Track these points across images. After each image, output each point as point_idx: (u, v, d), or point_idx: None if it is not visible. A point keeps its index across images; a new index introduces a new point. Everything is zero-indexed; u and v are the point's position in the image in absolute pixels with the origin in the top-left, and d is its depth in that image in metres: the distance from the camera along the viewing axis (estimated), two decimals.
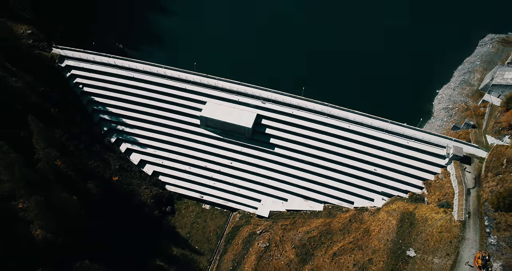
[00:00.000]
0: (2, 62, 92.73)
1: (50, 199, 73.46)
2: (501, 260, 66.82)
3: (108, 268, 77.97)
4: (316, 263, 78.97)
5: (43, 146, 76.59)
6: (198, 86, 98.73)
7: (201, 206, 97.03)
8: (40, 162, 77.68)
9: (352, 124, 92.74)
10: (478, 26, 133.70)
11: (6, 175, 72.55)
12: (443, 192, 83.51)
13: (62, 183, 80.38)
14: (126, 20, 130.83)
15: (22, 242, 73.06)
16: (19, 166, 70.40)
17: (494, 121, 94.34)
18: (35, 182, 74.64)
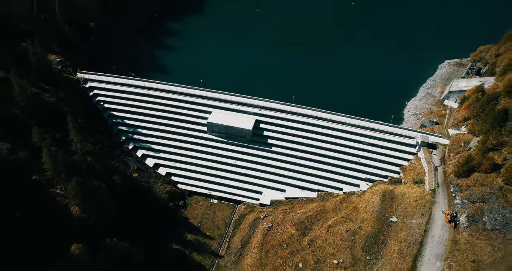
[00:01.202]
0: (36, 82, 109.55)
1: (85, 184, 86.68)
2: (465, 213, 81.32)
3: (132, 246, 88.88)
4: (314, 234, 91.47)
5: (80, 139, 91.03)
6: (204, 99, 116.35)
7: (210, 200, 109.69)
8: (76, 153, 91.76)
9: (336, 124, 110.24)
10: (438, 53, 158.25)
11: (49, 163, 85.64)
12: (416, 173, 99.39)
13: (92, 174, 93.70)
14: (137, 54, 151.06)
15: (60, 219, 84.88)
16: (62, 153, 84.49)
17: (453, 118, 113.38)
18: (72, 169, 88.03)
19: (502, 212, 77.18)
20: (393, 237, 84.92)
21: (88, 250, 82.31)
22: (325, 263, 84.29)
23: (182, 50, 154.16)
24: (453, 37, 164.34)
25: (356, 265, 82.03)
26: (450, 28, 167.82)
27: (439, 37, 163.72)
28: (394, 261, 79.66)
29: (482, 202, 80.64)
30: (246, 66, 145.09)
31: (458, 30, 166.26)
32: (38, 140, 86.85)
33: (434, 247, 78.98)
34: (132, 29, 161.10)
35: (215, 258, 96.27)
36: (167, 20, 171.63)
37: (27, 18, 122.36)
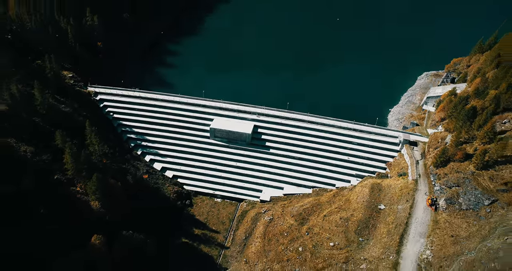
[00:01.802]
0: (53, 94, 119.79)
1: (104, 180, 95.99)
2: (444, 197, 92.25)
3: (146, 238, 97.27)
4: (311, 223, 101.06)
5: (98, 141, 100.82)
6: (206, 108, 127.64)
7: (214, 199, 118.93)
8: (94, 154, 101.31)
9: (327, 127, 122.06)
10: (417, 66, 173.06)
11: (71, 163, 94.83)
12: (400, 167, 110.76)
13: (109, 174, 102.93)
14: (141, 70, 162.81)
15: (81, 214, 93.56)
16: (85, 152, 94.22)
17: (431, 120, 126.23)
18: (91, 168, 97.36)
19: (474, 193, 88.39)
20: (381, 221, 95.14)
21: (107, 241, 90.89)
22: (322, 246, 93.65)
23: (182, 67, 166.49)
24: (431, 52, 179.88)
25: (350, 246, 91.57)
26: (428, 44, 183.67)
27: (418, 52, 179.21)
28: (384, 240, 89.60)
29: (458, 186, 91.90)
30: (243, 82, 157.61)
31: (434, 46, 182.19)
32: (61, 142, 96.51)
33: (418, 227, 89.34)
34: (136, 48, 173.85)
35: (221, 249, 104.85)
36: (167, 42, 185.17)
37: (43, 39, 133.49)
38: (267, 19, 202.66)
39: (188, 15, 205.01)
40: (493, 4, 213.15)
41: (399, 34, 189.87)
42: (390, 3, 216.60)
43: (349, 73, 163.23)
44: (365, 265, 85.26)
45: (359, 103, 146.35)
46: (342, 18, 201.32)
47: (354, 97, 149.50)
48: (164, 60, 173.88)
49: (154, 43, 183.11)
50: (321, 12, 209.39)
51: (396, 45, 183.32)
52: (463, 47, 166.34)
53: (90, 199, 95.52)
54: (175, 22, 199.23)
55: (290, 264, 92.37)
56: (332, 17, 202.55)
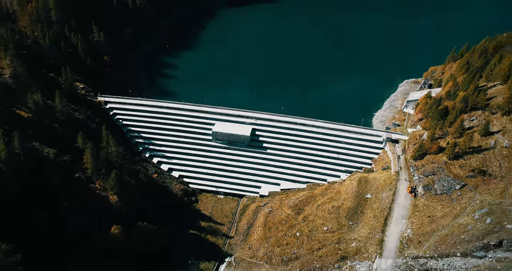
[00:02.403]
0: (68, 104, 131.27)
1: (121, 176, 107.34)
2: (421, 185, 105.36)
3: (159, 228, 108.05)
4: (306, 212, 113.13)
5: (114, 143, 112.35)
6: (208, 113, 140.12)
7: (217, 196, 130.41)
8: (111, 154, 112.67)
9: (318, 129, 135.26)
10: (399, 75, 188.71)
11: (91, 162, 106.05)
12: (384, 162, 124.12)
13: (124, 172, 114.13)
14: (143, 81, 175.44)
15: (101, 207, 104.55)
16: (104, 151, 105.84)
17: (410, 121, 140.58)
18: (109, 166, 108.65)
19: (447, 180, 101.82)
20: (368, 207, 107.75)
21: (124, 231, 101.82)
22: (317, 231, 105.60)
23: (180, 78, 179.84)
24: (411, 62, 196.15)
25: (341, 229, 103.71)
26: (408, 55, 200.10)
27: (400, 62, 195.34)
28: (370, 223, 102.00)
29: (433, 175, 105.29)
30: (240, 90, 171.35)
31: (414, 56, 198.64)
32: (82, 143, 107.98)
33: (400, 211, 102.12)
34: (137, 61, 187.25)
35: (226, 239, 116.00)
36: (165, 55, 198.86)
37: (57, 54, 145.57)
38: (257, 33, 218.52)
39: (181, 32, 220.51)
40: (465, 19, 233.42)
41: (383, 47, 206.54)
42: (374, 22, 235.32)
43: (338, 83, 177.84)
44: (355, 244, 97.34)
45: (347, 108, 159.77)
46: (328, 34, 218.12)
47: (343, 103, 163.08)
48: (163, 71, 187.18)
49: (153, 56, 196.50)
50: (311, 30, 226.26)
51: (380, 57, 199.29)
52: (440, 56, 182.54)
53: (109, 194, 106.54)
54: (171, 38, 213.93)
55: (289, 247, 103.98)
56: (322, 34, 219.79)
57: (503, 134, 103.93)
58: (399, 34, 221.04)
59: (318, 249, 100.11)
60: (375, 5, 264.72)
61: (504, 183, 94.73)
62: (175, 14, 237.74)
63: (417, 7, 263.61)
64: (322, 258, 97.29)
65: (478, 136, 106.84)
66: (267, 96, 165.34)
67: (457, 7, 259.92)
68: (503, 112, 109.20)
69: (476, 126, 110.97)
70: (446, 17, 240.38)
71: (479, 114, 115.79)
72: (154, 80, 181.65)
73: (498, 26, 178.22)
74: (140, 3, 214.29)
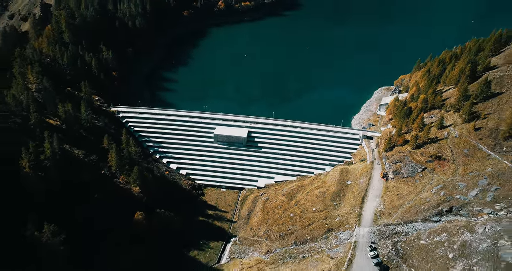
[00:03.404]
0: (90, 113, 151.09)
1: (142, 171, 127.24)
2: (391, 170, 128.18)
3: (175, 215, 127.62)
4: (298, 198, 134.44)
5: (134, 144, 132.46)
6: (209, 119, 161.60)
7: (220, 189, 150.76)
8: (131, 153, 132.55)
9: (305, 129, 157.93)
10: (374, 83, 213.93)
11: (116, 159, 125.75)
12: (361, 155, 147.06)
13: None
14: (147, 94, 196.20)
15: (126, 197, 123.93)
16: (126, 151, 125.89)
17: (383, 121, 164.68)
18: (131, 163, 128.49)
19: (411, 165, 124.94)
20: (349, 191, 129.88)
21: (146, 217, 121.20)
22: (307, 211, 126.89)
23: (180, 90, 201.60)
24: (384, 71, 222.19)
25: (327, 209, 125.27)
26: (381, 66, 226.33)
27: (375, 72, 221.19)
28: (351, 202, 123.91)
29: (400, 162, 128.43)
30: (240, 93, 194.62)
31: (387, 67, 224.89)
32: (108, 144, 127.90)
33: (374, 192, 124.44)
34: (140, 76, 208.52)
35: (230, 223, 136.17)
36: (165, 70, 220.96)
37: (74, 70, 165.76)
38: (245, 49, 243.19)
39: (177, 49, 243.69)
40: (432, 33, 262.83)
41: (360, 59, 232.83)
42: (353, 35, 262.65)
43: (322, 91, 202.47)
44: (339, 218, 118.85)
45: (330, 112, 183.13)
46: (312, 48, 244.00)
47: (326, 108, 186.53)
48: (163, 85, 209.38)
49: (153, 71, 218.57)
50: (296, 42, 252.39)
51: (358, 68, 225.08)
52: (409, 66, 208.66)
53: (132, 186, 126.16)
54: (168, 55, 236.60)
55: (285, 225, 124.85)
56: (303, 46, 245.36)
57: (454, 127, 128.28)
58: (375, 47, 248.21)
59: (308, 225, 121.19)
60: (354, 21, 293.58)
61: (454, 165, 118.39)
62: (168, 34, 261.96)
63: (391, 22, 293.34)
64: (312, 231, 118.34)
65: (435, 129, 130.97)
66: (260, 103, 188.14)
67: (425, 22, 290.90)
68: (454, 110, 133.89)
69: (434, 122, 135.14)
70: (416, 31, 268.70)
71: (436, 112, 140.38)
72: (156, 92, 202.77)
73: (461, 38, 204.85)
74: (139, 24, 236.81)
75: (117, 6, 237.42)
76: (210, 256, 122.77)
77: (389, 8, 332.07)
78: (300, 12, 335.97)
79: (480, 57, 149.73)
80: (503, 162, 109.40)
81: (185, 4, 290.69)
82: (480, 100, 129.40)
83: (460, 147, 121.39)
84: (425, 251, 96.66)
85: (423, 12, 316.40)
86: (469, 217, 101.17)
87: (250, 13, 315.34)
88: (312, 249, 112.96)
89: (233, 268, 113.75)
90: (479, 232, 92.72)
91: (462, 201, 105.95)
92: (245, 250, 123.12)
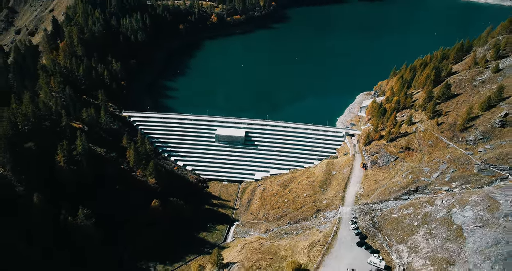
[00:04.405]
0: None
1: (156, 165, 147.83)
2: (369, 161, 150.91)
3: (185, 204, 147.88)
4: (291, 187, 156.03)
5: (148, 143, 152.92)
6: (211, 122, 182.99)
7: (222, 182, 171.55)
8: (147, 150, 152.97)
9: (295, 129, 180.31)
10: (356, 89, 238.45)
11: (134, 156, 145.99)
12: (345, 150, 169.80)
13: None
14: (150, 101, 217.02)
15: (143, 188, 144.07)
16: (142, 148, 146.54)
17: (363, 121, 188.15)
18: (148, 158, 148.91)
19: (386, 156, 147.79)
20: (334, 179, 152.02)
21: (161, 204, 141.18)
22: (299, 197, 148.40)
23: (181, 97, 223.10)
24: (365, 78, 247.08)
25: (316, 194, 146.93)
26: (364, 73, 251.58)
27: (358, 79, 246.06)
28: (336, 188, 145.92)
29: (377, 153, 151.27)
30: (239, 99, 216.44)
31: (368, 74, 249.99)
32: (126, 143, 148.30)
33: (355, 179, 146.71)
34: (143, 85, 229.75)
35: (233, 210, 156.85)
36: (165, 80, 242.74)
37: (88, 80, 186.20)
38: (239, 59, 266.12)
39: (175, 60, 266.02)
40: (409, 42, 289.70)
41: (344, 67, 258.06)
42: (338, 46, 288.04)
43: (311, 96, 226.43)
44: (326, 201, 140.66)
45: (318, 114, 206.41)
46: (300, 58, 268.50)
47: (314, 111, 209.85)
48: (165, 92, 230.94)
49: (154, 80, 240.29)
50: (285, 53, 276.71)
51: (343, 75, 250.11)
52: (386, 73, 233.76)
53: (148, 178, 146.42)
54: (167, 65, 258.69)
55: (280, 209, 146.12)
56: (292, 56, 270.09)
57: (421, 123, 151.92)
58: (357, 56, 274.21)
59: (300, 207, 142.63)
60: (338, 33, 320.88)
61: (421, 154, 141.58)
62: (166, 46, 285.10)
63: (373, 34, 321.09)
64: (304, 212, 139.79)
65: (405, 125, 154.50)
66: (255, 107, 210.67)
67: (403, 33, 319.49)
68: (421, 109, 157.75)
69: (404, 120, 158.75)
70: (394, 42, 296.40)
71: (407, 112, 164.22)
72: (159, 99, 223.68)
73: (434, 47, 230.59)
74: (141, 38, 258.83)
75: (120, 22, 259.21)
76: (217, 237, 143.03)
77: (370, 22, 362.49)
78: (288, 25, 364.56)
79: (444, 64, 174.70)
80: (459, 149, 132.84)
81: (181, 18, 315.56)
82: (442, 101, 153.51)
83: (426, 139, 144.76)
84: (396, 222, 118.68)
85: (402, 25, 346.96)
86: (431, 194, 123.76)
87: (241, 26, 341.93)
88: (304, 227, 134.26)
89: (238, 244, 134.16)
90: (438, 204, 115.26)
91: (426, 182, 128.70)
92: (247, 231, 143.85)
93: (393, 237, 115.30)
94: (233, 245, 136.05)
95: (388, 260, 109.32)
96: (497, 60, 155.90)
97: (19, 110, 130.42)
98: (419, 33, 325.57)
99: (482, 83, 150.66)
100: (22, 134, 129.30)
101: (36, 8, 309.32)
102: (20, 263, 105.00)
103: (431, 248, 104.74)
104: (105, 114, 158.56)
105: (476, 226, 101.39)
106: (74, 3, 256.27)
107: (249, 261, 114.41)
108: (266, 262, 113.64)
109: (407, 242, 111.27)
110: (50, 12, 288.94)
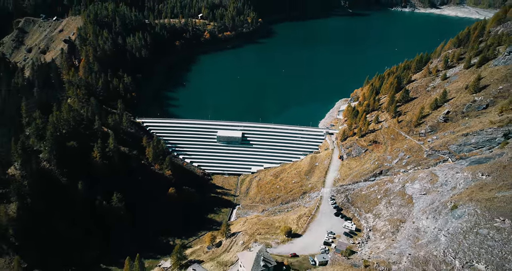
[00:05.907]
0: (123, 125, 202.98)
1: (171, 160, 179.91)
2: (345, 153, 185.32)
3: (196, 192, 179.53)
4: (282, 176, 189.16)
5: (164, 141, 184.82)
6: (212, 125, 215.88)
7: (224, 176, 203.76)
8: (163, 147, 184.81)
9: (284, 130, 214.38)
10: (336, 96, 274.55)
11: (152, 153, 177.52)
12: (325, 146, 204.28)
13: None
14: (156, 108, 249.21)
15: (160, 179, 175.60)
16: (159, 146, 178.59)
17: (340, 122, 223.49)
18: (164, 154, 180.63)
19: (358, 148, 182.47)
20: (317, 169, 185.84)
21: (176, 191, 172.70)
22: (288, 183, 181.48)
23: (184, 105, 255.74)
24: (344, 86, 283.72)
25: (302, 180, 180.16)
26: (343, 82, 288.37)
27: (337, 87, 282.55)
28: (318, 175, 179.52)
29: (351, 147, 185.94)
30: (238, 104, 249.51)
31: (346, 82, 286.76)
32: (146, 142, 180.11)
33: (334, 167, 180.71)
34: (149, 96, 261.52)
35: (234, 197, 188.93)
36: (167, 91, 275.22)
37: (105, 92, 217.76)
38: (231, 71, 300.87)
39: (174, 74, 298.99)
40: (380, 56, 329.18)
41: (325, 76, 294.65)
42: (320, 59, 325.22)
43: (296, 103, 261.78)
44: (310, 185, 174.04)
45: (303, 118, 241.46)
46: (286, 70, 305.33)
47: (300, 115, 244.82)
48: (167, 102, 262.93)
49: (158, 92, 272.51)
50: (273, 66, 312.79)
51: (324, 84, 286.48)
52: (362, 82, 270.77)
53: (165, 171, 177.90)
54: (167, 78, 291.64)
55: (274, 193, 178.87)
56: (279, 69, 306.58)
57: (386, 121, 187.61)
58: (337, 67, 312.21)
59: (290, 191, 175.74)
60: (320, 47, 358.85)
61: (385, 145, 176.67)
62: (164, 61, 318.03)
63: (351, 47, 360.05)
64: (293, 195, 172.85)
65: (373, 124, 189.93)
66: (250, 112, 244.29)
67: (378, 46, 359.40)
68: (386, 110, 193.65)
69: (373, 119, 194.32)
70: (369, 54, 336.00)
71: (375, 113, 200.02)
72: (163, 107, 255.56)
73: (402, 58, 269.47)
74: (144, 54, 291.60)
75: (125, 40, 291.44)
76: (223, 217, 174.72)
77: (349, 36, 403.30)
78: (274, 39, 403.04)
79: (405, 74, 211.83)
80: (413, 141, 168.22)
81: (177, 36, 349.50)
82: (402, 103, 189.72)
83: (389, 134, 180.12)
84: (364, 197, 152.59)
85: (378, 39, 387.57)
86: (392, 176, 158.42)
87: (231, 41, 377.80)
88: (293, 206, 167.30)
89: (241, 221, 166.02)
90: (395, 182, 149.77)
91: (388, 166, 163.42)
92: (247, 212, 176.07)
93: (362, 208, 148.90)
94: (236, 222, 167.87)
95: (358, 225, 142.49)
96: (445, 70, 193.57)
97: (61, 116, 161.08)
98: (391, 46, 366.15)
99: (434, 88, 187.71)
100: (64, 136, 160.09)
101: (45, 29, 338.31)
102: (61, 241, 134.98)
103: (390, 213, 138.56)
104: (126, 120, 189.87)
105: (421, 194, 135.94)
106: (84, 25, 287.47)
107: (251, 230, 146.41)
108: (265, 230, 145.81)
109: (373, 211, 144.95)
110: (59, 32, 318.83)
